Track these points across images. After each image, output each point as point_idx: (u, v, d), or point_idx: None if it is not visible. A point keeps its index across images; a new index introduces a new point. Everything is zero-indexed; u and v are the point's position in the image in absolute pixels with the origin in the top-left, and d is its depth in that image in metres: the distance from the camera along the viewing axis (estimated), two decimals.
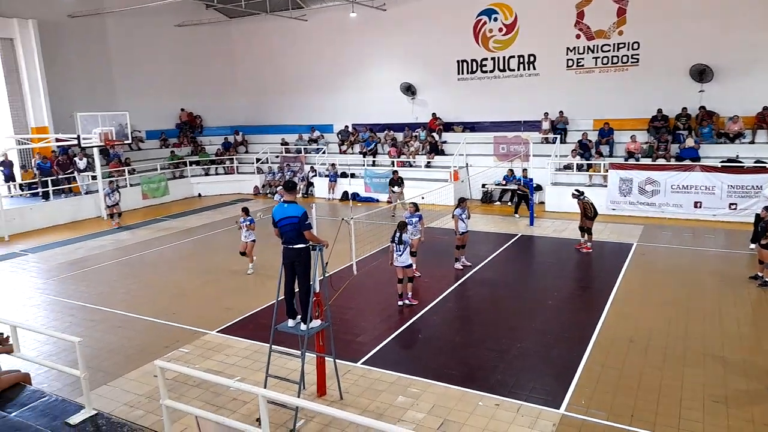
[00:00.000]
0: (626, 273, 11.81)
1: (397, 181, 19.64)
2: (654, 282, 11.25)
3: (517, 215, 17.59)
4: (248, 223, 12.67)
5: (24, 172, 20.75)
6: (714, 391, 7.02)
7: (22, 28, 20.33)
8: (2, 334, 6.60)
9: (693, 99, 18.57)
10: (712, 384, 7.18)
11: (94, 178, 20.34)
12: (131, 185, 21.90)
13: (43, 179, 19.63)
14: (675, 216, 16.58)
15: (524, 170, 18.48)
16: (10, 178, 20.19)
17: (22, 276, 13.38)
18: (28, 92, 20.85)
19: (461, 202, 12.39)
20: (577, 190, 14.07)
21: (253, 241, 12.68)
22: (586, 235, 13.62)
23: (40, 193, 19.62)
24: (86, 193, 20.56)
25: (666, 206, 16.77)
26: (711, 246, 13.74)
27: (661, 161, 17.78)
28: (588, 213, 13.45)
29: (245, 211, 13.10)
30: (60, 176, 20.21)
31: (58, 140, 19.70)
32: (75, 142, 18.71)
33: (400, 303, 10.32)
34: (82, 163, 20.87)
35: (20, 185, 20.40)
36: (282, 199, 7.05)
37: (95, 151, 19.92)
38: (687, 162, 17.11)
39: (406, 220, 11.30)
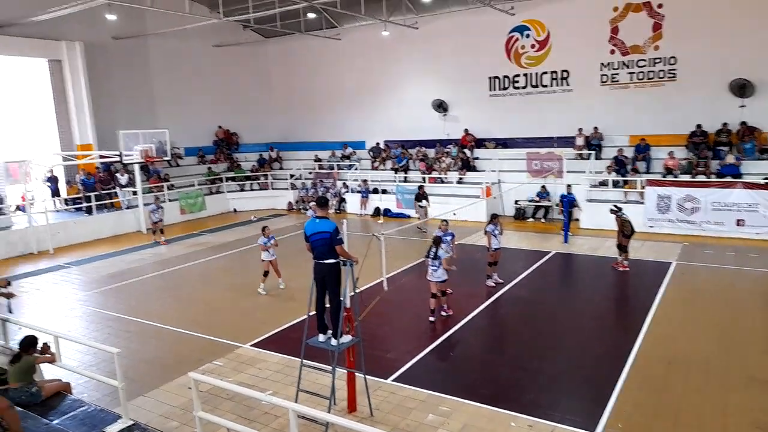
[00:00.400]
0: (665, 293, 11.48)
1: (423, 195, 19.76)
2: (694, 302, 10.91)
3: (570, 234, 16.68)
4: (271, 241, 12.49)
5: (69, 187, 21.58)
6: (759, 416, 6.73)
7: (70, 51, 21.29)
8: (45, 344, 6.86)
9: (733, 114, 18.07)
10: (757, 409, 6.89)
11: (134, 193, 21.00)
12: (170, 201, 22.51)
13: (86, 194, 20.37)
14: (716, 234, 16.07)
15: (568, 186, 17.35)
16: (55, 193, 21.00)
17: (65, 288, 13.86)
18: (74, 111, 21.75)
19: (494, 218, 12.31)
20: (615, 206, 13.78)
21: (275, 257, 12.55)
22: (622, 253, 13.32)
23: (84, 208, 20.33)
24: (127, 208, 21.23)
25: (707, 224, 16.28)
26: (755, 266, 13.24)
27: (700, 178, 17.31)
28: (625, 230, 13.16)
29: (264, 230, 12.71)
30: (102, 192, 20.92)
31: (101, 157, 20.46)
32: (117, 158, 19.41)
33: (431, 318, 10.28)
34: (123, 179, 21.59)
35: (65, 200, 21.20)
36: (314, 215, 7.15)
37: (136, 167, 20.59)
38: (728, 179, 16.61)
39: (441, 238, 11.25)
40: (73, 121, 21.84)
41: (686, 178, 17.51)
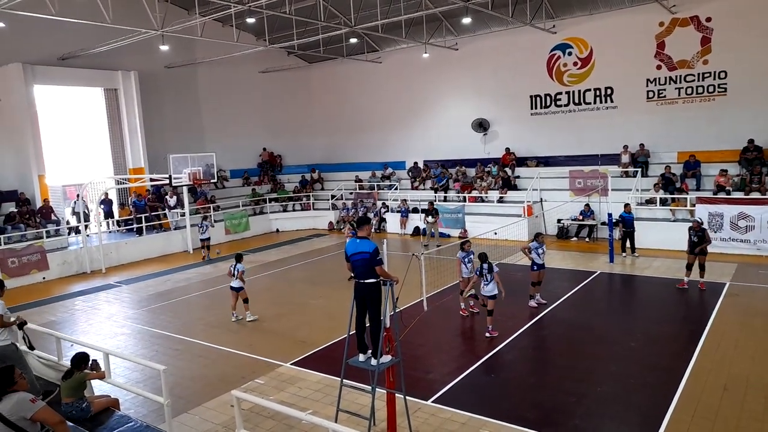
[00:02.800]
0: (718, 315, 10.99)
1: (431, 211, 20.11)
2: (750, 325, 10.37)
3: (624, 254, 16.29)
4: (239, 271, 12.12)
5: (121, 209, 22.50)
6: None
7: (125, 80, 22.41)
8: (95, 361, 7.10)
9: None
10: None
11: (182, 215, 21.71)
12: (215, 221, 23.15)
13: (137, 216, 21.19)
14: None
15: (626, 205, 16.53)
16: (109, 215, 21.94)
17: (115, 306, 14.37)
18: (127, 136, 22.81)
19: (537, 236, 12.12)
20: (699, 218, 13.59)
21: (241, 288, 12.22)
22: (700, 271, 12.80)
23: (135, 229, 21.14)
24: (175, 229, 21.93)
25: (762, 243, 15.54)
26: None
27: (755, 195, 16.57)
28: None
29: (238, 258, 12.43)
30: (151, 213, 21.72)
31: (152, 180, 21.31)
32: (167, 181, 20.18)
33: (487, 335, 10.41)
34: (172, 201, 22.37)
35: (117, 221, 22.11)
36: (353, 235, 7.18)
37: (184, 189, 21.29)
38: None
39: (463, 260, 11.21)
40: (127, 146, 22.88)
41: (739, 195, 16.82)
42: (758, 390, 7.77)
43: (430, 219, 20.22)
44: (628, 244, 16.26)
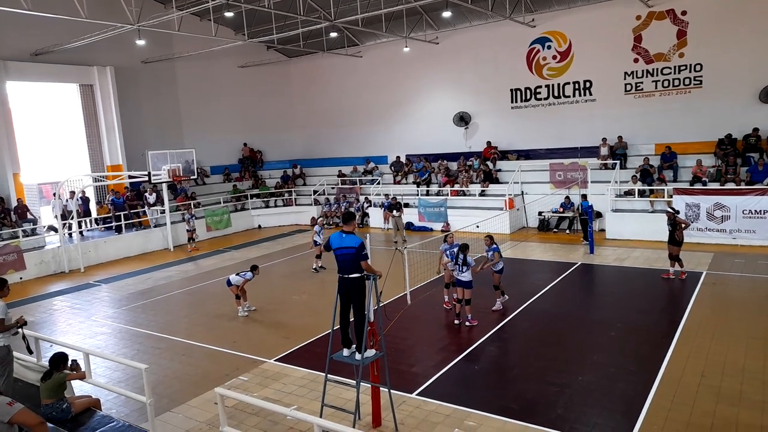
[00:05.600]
0: (695, 303, 11.21)
1: (396, 205, 20.03)
2: (726, 313, 10.61)
3: (585, 241, 16.82)
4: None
5: (99, 207, 22.14)
6: None
7: (101, 75, 22.00)
8: (75, 361, 7.00)
9: (763, 120, 17.69)
10: None
11: (162, 212, 21.44)
12: (196, 218, 22.87)
13: (116, 214, 20.87)
14: (748, 243, 15.65)
15: (583, 195, 17.66)
16: (86, 213, 21.56)
17: (95, 305, 14.16)
18: (104, 133, 22.41)
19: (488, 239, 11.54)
20: (673, 207, 13.74)
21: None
22: (676, 263, 13.02)
23: (114, 227, 20.82)
24: (155, 226, 21.66)
25: (738, 232, 15.88)
26: None
27: (730, 185, 16.92)
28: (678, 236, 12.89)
29: (253, 269, 12.61)
30: (131, 211, 21.41)
31: (130, 177, 20.98)
32: (146, 178, 19.89)
33: (456, 322, 10.77)
34: (151, 198, 22.07)
35: (95, 220, 21.75)
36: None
37: (164, 186, 21.02)
38: (760, 185, 16.19)
39: (446, 252, 11.17)
40: (104, 143, 22.49)
41: (715, 186, 17.15)
42: (733, 376, 7.96)
43: (395, 213, 19.99)
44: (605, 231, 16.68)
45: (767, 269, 13.44)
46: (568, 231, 19.30)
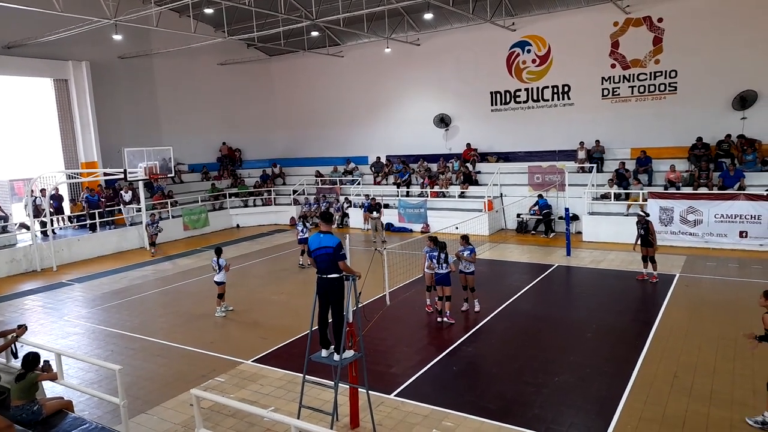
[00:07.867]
0: (668, 305, 11.44)
1: (375, 207, 19.99)
2: (699, 315, 10.84)
3: (546, 236, 18.50)
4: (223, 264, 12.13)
5: (73, 205, 21.69)
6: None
7: (76, 70, 21.54)
8: (47, 361, 6.86)
9: (735, 126, 18.14)
10: None
11: (138, 210, 21.09)
12: (173, 217, 22.59)
13: (90, 212, 20.47)
14: (719, 246, 16.03)
15: (539, 195, 19.23)
16: (59, 210, 21.11)
17: (68, 305, 13.86)
18: (79, 129, 21.93)
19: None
20: (644, 211, 13.98)
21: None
22: (650, 264, 13.24)
23: (88, 225, 20.42)
24: (131, 225, 21.29)
25: (710, 236, 16.25)
26: (759, 277, 13.16)
27: (703, 190, 17.30)
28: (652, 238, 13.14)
29: (218, 252, 12.31)
30: (105, 209, 21.01)
31: (106, 174, 20.59)
32: (122, 176, 19.53)
33: (439, 319, 10.92)
34: (127, 196, 21.70)
35: (69, 218, 21.29)
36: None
37: (140, 184, 20.69)
38: (731, 191, 16.59)
39: (428, 256, 11.04)
40: (78, 139, 22.02)
41: (688, 190, 17.53)
42: (705, 377, 8.14)
43: (374, 215, 19.86)
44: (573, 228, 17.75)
45: (738, 272, 13.79)
46: (544, 235, 19.48)
